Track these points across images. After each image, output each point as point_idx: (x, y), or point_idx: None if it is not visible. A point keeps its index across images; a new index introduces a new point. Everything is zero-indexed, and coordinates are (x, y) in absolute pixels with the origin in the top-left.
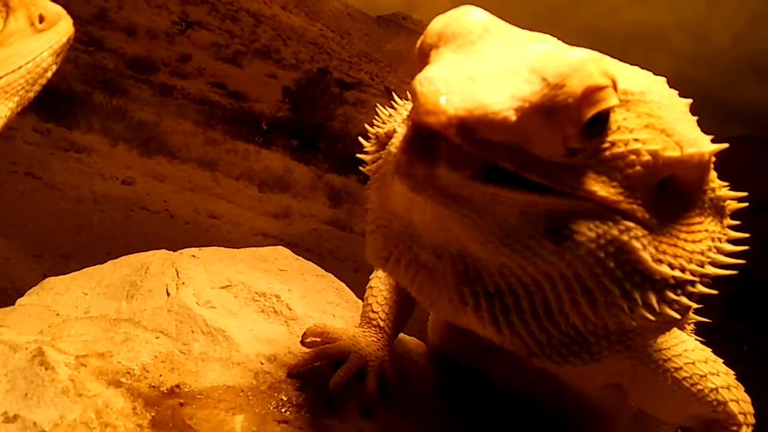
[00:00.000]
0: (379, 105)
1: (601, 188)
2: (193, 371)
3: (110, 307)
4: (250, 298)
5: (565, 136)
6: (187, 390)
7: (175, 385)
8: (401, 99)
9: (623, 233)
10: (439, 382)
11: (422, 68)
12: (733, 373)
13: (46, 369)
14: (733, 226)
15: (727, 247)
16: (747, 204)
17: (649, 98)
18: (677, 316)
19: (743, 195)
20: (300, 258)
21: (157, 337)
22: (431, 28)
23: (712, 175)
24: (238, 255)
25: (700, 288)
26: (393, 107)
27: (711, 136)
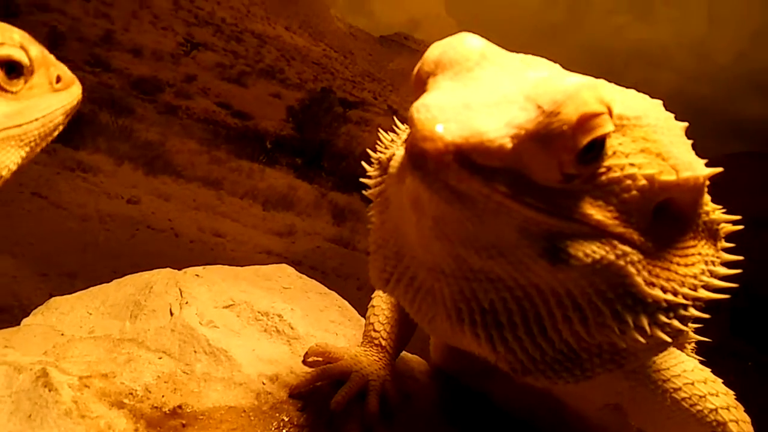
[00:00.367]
0: (381, 130)
1: (598, 212)
2: (195, 392)
3: (114, 327)
4: (253, 318)
5: (561, 163)
6: (189, 411)
7: (178, 405)
8: (402, 122)
9: (620, 258)
10: (441, 401)
11: (420, 95)
12: (732, 394)
13: (50, 390)
14: (727, 249)
15: (720, 271)
16: (742, 227)
17: (644, 122)
18: (668, 339)
19: (737, 218)
20: (303, 276)
21: (160, 358)
22: (428, 56)
23: (706, 198)
24: (241, 273)
25: (693, 311)
26: (395, 131)
27: (705, 160)
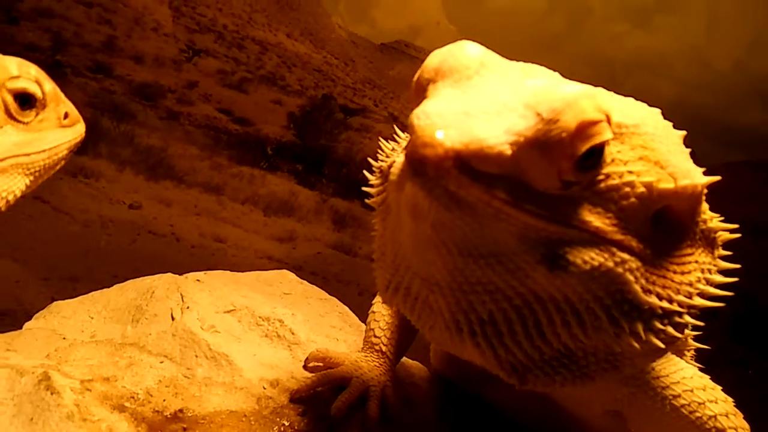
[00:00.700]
0: (381, 138)
1: (596, 219)
2: (196, 396)
3: (116, 331)
4: (254, 323)
5: (560, 170)
6: (190, 415)
7: (179, 409)
8: (403, 130)
9: (618, 265)
10: (441, 407)
11: (420, 102)
12: (732, 401)
13: (52, 393)
14: (725, 257)
15: (716, 279)
16: (740, 235)
17: (643, 131)
18: (662, 346)
19: (735, 227)
20: (304, 282)
21: (161, 362)
22: (428, 63)
23: (704, 206)
24: (242, 279)
25: (688, 319)
26: (395, 140)
27: (704, 168)
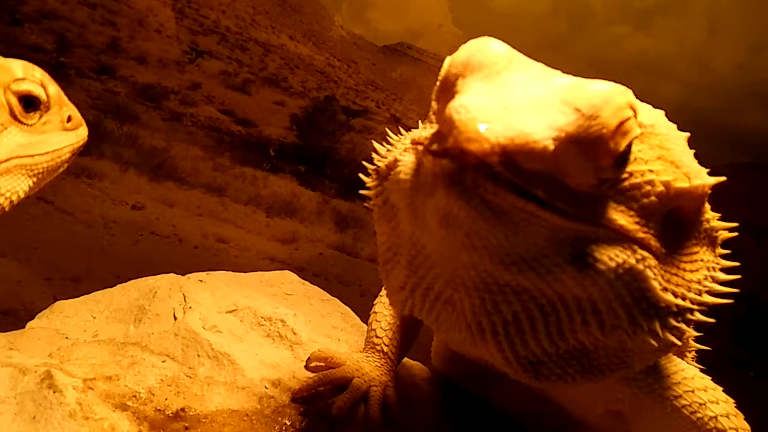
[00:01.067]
0: (374, 141)
1: (621, 217)
2: (198, 395)
3: (118, 330)
4: (256, 323)
5: (599, 167)
6: (192, 414)
7: (181, 408)
8: (404, 130)
9: (639, 262)
10: (442, 408)
11: (450, 97)
12: (732, 401)
13: (54, 392)
14: (724, 255)
15: (721, 276)
16: (737, 234)
17: (658, 131)
18: (678, 342)
19: (735, 225)
20: (306, 282)
21: (163, 361)
22: (456, 58)
23: (707, 206)
24: (245, 279)
25: (698, 315)
26: (389, 141)
27: (708, 169)
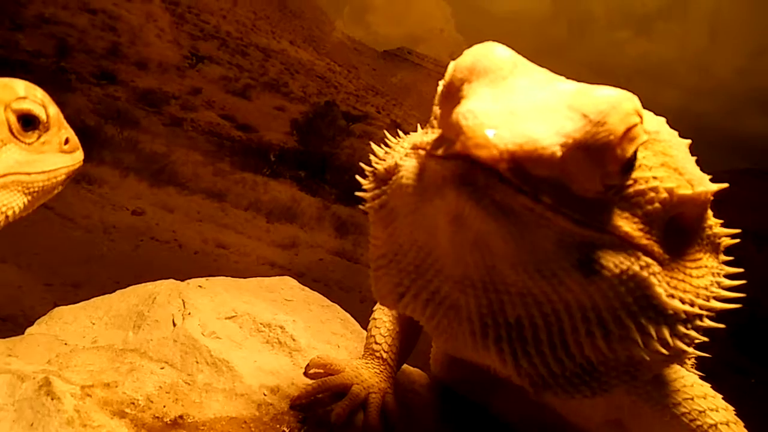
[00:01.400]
0: (372, 143)
1: (625, 224)
2: (197, 402)
3: (117, 337)
4: (255, 329)
5: (605, 173)
6: (190, 421)
7: (179, 415)
8: (403, 133)
9: (643, 269)
10: (442, 414)
11: (455, 102)
12: (732, 409)
13: (52, 399)
14: (726, 262)
15: (726, 282)
16: (739, 240)
17: (662, 137)
18: (688, 349)
19: (737, 231)
20: (306, 288)
21: (162, 368)
22: (461, 63)
23: (709, 212)
24: (244, 285)
25: (707, 322)
26: (387, 144)
27: (710, 176)
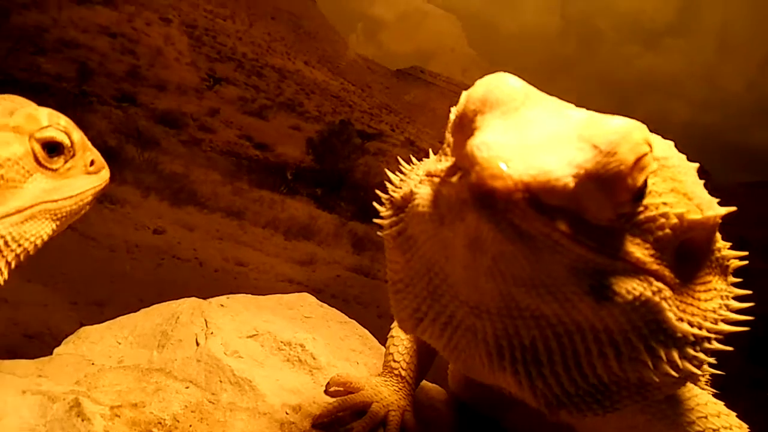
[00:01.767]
0: (388, 170)
1: (637, 250)
2: (221, 421)
3: (142, 356)
4: (276, 348)
5: (617, 202)
6: None
7: None
8: (419, 152)
9: (655, 294)
10: (460, 430)
11: (468, 133)
12: (746, 427)
13: (83, 420)
14: (736, 284)
15: (734, 304)
16: (747, 262)
17: (671, 163)
18: (697, 372)
19: (745, 254)
20: (324, 305)
21: (187, 387)
22: (473, 94)
23: (717, 235)
24: (264, 303)
25: (716, 344)
26: (402, 171)
27: (718, 199)
